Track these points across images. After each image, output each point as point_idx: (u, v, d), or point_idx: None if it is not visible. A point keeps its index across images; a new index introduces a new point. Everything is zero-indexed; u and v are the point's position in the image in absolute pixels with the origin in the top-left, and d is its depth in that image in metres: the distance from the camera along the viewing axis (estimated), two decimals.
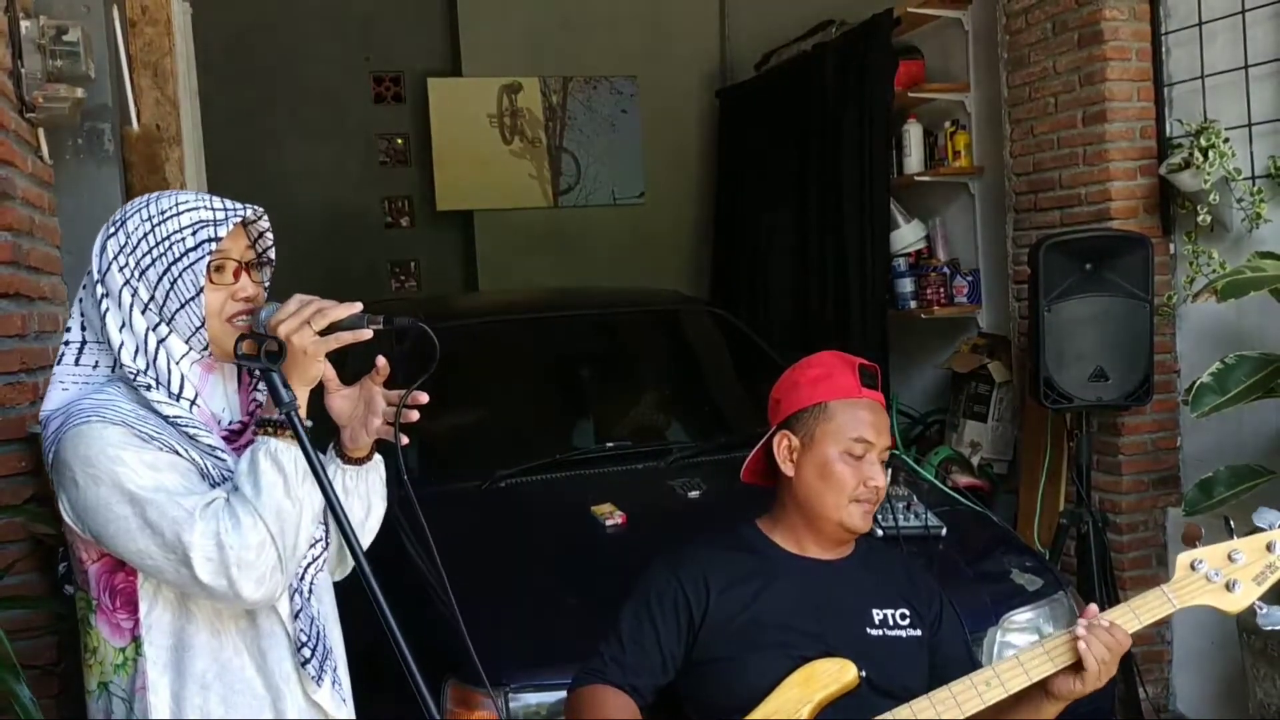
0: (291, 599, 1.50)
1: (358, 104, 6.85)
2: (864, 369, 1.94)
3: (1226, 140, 3.36)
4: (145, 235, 1.44)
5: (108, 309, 1.45)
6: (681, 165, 6.95)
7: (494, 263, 6.69)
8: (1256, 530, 1.83)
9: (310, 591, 1.53)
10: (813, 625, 1.84)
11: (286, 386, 1.40)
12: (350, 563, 1.65)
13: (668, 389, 4.07)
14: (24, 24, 2.55)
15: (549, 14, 6.65)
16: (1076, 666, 1.71)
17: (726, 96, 6.62)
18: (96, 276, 1.46)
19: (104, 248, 1.46)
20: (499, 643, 2.43)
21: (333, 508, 1.38)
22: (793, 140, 5.45)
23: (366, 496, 1.61)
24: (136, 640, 1.44)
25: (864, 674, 1.79)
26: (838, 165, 5.04)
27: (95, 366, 1.48)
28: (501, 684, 2.30)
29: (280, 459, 1.39)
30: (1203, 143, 3.36)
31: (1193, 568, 1.80)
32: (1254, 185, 3.35)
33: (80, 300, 1.51)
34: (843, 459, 1.88)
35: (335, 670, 1.55)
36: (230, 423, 1.52)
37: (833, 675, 1.79)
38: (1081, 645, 1.70)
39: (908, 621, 1.90)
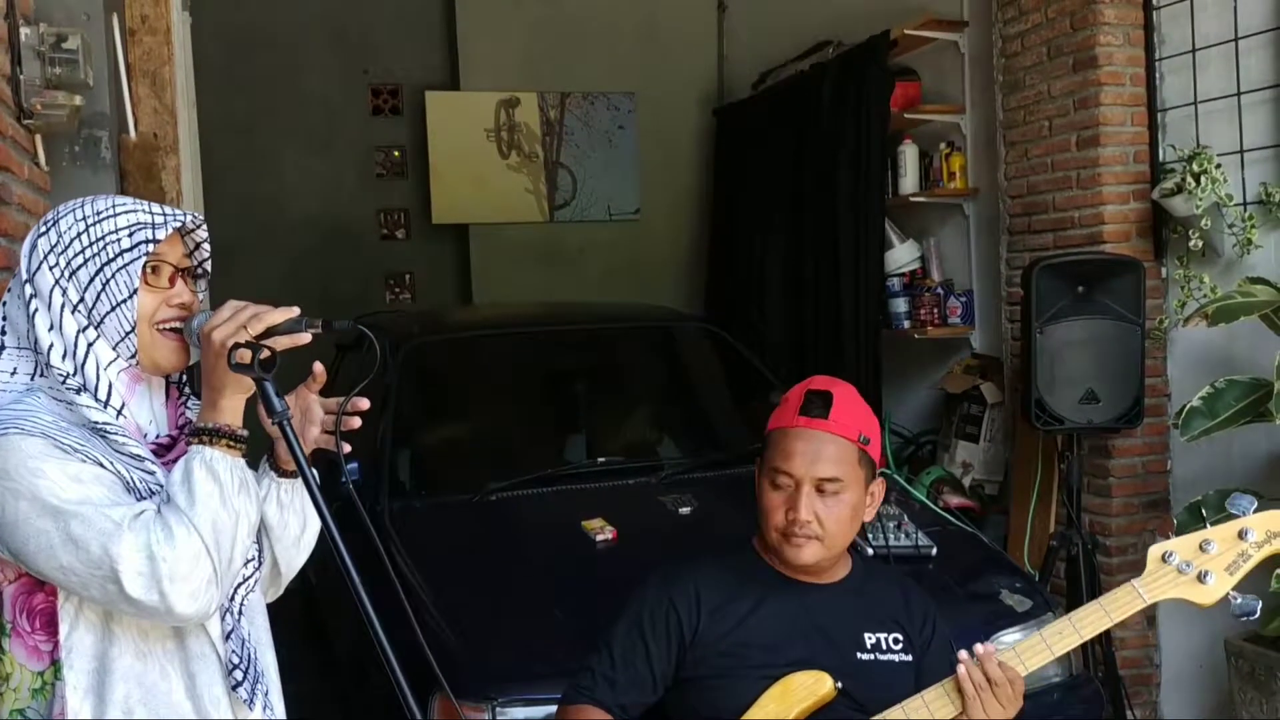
0: (223, 619, 1.44)
1: (355, 116, 6.87)
2: (811, 395, 1.88)
3: (1219, 166, 3.38)
4: (79, 235, 1.40)
5: (36, 309, 1.39)
6: (678, 182, 6.97)
7: (489, 276, 6.70)
8: (1229, 517, 1.75)
9: (241, 612, 1.47)
10: (801, 650, 1.84)
11: (279, 396, 1.37)
12: (282, 586, 1.62)
13: (661, 405, 4.08)
14: (23, 31, 2.55)
15: (548, 29, 6.67)
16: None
17: (723, 115, 6.64)
18: (25, 277, 1.40)
19: (34, 246, 1.41)
20: (488, 656, 2.42)
21: (323, 518, 1.35)
22: (789, 159, 5.47)
23: (302, 511, 1.54)
24: (56, 664, 1.36)
25: (840, 685, 1.78)
26: (833, 185, 5.05)
27: (13, 373, 1.40)
28: (489, 697, 2.30)
29: (216, 468, 1.33)
30: (1195, 168, 3.38)
31: (1164, 560, 1.74)
32: (1245, 211, 3.37)
33: (3, 303, 1.44)
34: (769, 490, 1.86)
35: (267, 694, 1.49)
36: (157, 437, 1.45)
37: (809, 688, 1.78)
38: (961, 671, 1.72)
39: (900, 646, 1.89)
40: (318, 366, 1.51)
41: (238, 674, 1.43)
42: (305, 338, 1.40)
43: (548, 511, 3.11)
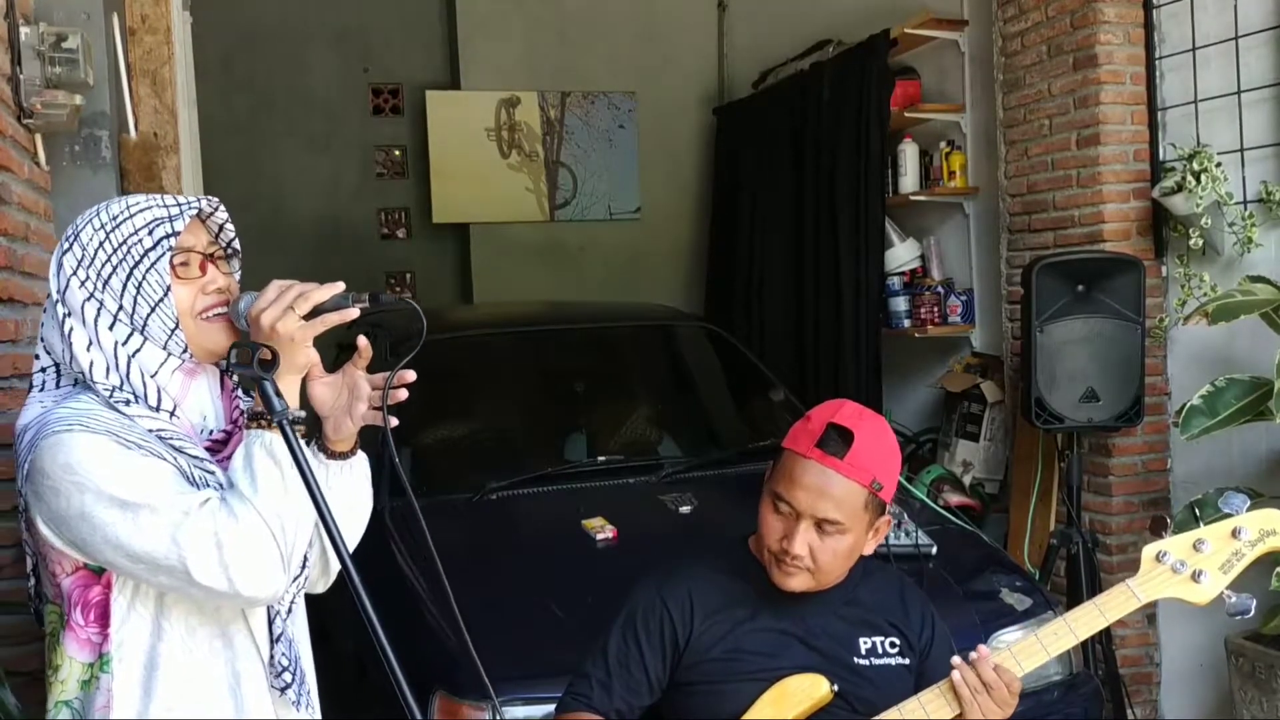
0: (272, 623, 1.45)
1: (356, 116, 6.87)
2: (831, 430, 1.79)
3: (1219, 164, 3.38)
4: (101, 244, 1.39)
5: (71, 329, 1.38)
6: (678, 181, 6.97)
7: (489, 276, 6.70)
8: (1223, 516, 1.76)
9: (289, 612, 1.48)
10: (796, 656, 1.83)
11: (279, 395, 1.36)
12: (334, 573, 1.59)
13: (661, 404, 4.08)
14: (23, 30, 2.55)
15: (548, 29, 6.68)
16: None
17: (724, 114, 6.64)
18: (56, 296, 1.40)
19: (60, 265, 1.40)
20: (487, 655, 2.42)
21: (319, 508, 1.33)
22: (789, 158, 5.47)
23: (352, 494, 1.52)
24: (103, 657, 1.37)
25: (835, 688, 1.78)
26: (833, 184, 5.06)
27: (75, 383, 1.41)
28: (490, 696, 2.30)
29: (275, 451, 1.34)
30: (1195, 167, 3.38)
31: (1158, 559, 1.74)
32: (1245, 210, 3.37)
33: (43, 325, 1.44)
34: (769, 510, 1.82)
35: (309, 693, 1.50)
36: (213, 432, 1.46)
37: (805, 692, 1.78)
38: (956, 676, 1.72)
39: (896, 650, 1.89)
40: (362, 341, 1.49)
41: (287, 676, 1.45)
42: (353, 313, 1.39)
43: (548, 510, 3.11)
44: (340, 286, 1.39)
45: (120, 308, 1.38)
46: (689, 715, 1.84)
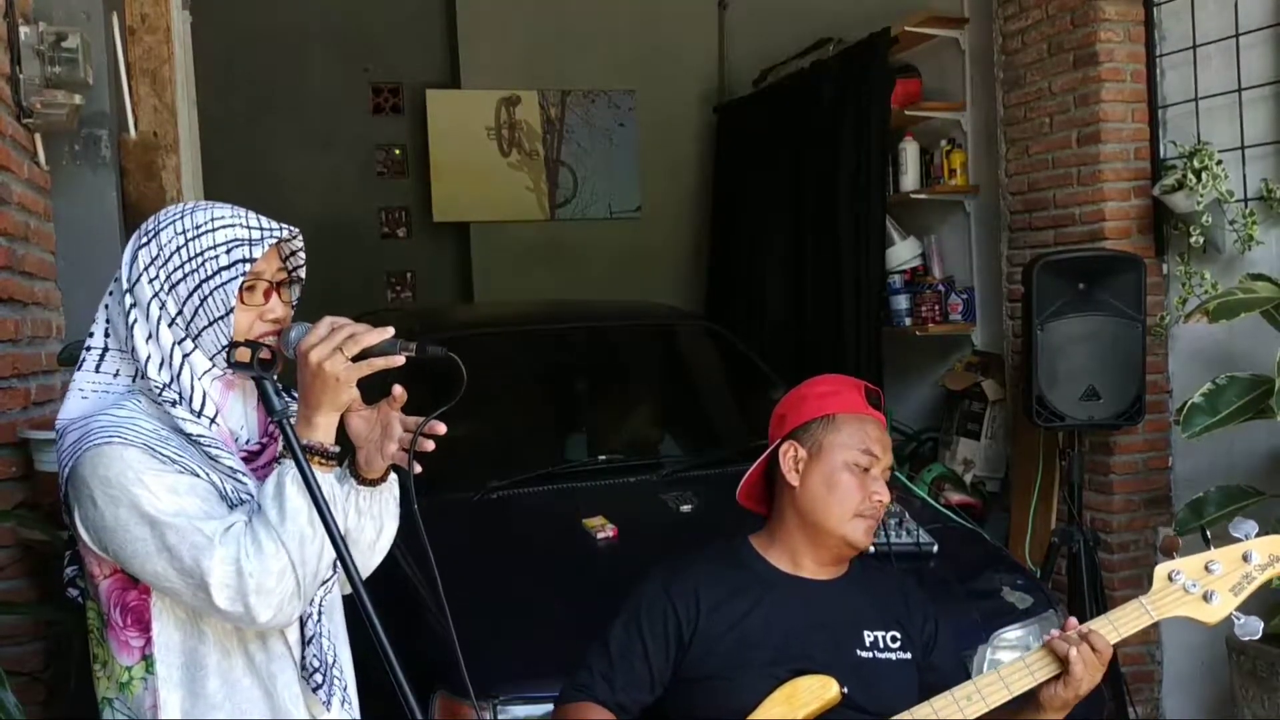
0: (303, 626, 1.48)
1: (356, 115, 6.87)
2: (869, 390, 1.98)
3: (1219, 162, 3.37)
4: (179, 249, 1.42)
5: (135, 320, 1.42)
6: (678, 180, 6.97)
7: (490, 275, 6.70)
8: (1233, 540, 1.83)
9: (321, 612, 1.51)
10: (802, 646, 1.84)
11: (279, 395, 1.39)
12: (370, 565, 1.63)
13: (662, 403, 4.07)
14: (23, 30, 2.56)
15: (548, 27, 6.67)
16: (1057, 677, 1.74)
17: (724, 112, 6.63)
18: (125, 286, 1.44)
19: (135, 257, 1.44)
20: (488, 654, 2.42)
21: (328, 526, 1.35)
22: (790, 157, 5.47)
23: (379, 517, 1.56)
24: (147, 659, 1.42)
25: (845, 690, 1.79)
26: (834, 182, 5.05)
27: (116, 375, 1.45)
28: (490, 695, 2.30)
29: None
30: (1196, 164, 3.38)
31: (1170, 579, 1.81)
32: (1246, 207, 3.36)
33: (106, 306, 1.48)
34: (849, 469, 1.89)
35: (345, 689, 1.53)
36: (248, 442, 1.49)
37: (814, 693, 1.79)
38: (1070, 650, 1.74)
39: (899, 644, 1.90)
40: (398, 389, 1.51)
41: (317, 678, 1.48)
42: (399, 360, 1.42)
43: (549, 509, 3.10)
44: (390, 332, 1.41)
45: (180, 312, 1.42)
46: (696, 708, 1.85)
